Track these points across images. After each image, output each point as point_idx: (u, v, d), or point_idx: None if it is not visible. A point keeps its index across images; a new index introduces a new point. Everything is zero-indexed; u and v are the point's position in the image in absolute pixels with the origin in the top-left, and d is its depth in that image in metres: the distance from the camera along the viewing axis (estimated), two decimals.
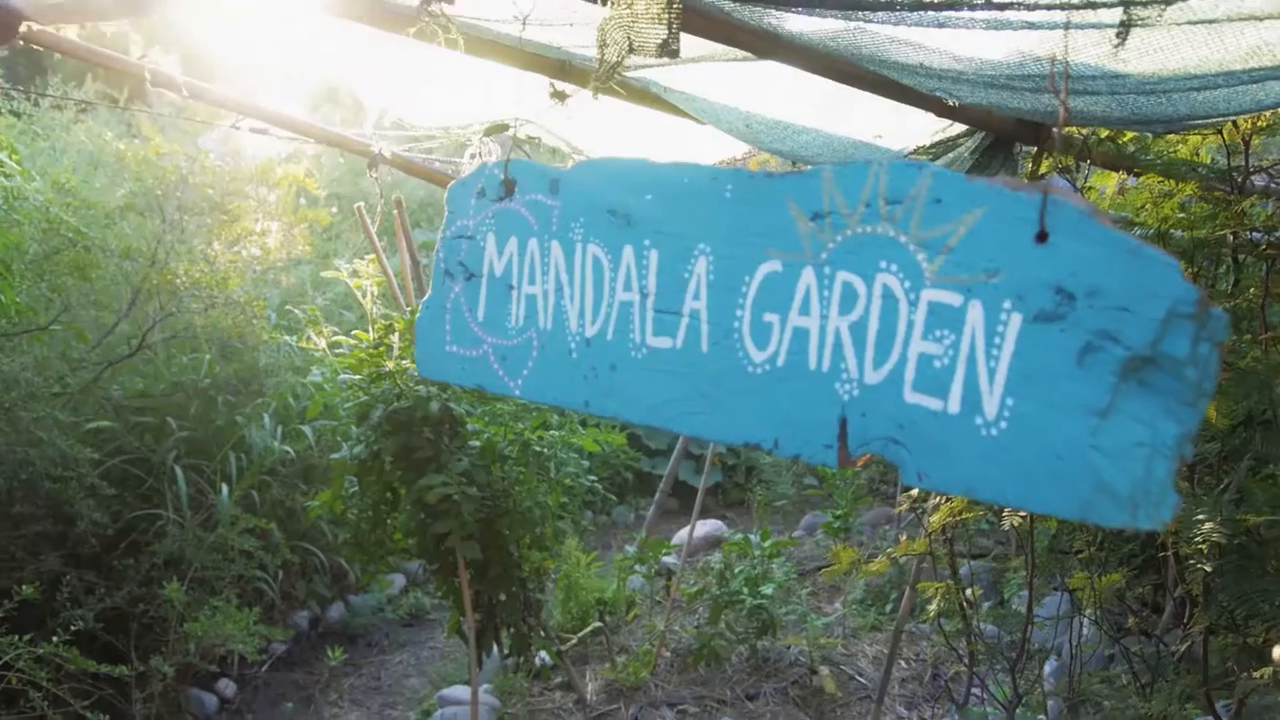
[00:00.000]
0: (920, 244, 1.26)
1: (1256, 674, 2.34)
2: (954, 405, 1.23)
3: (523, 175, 1.79)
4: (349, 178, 10.26)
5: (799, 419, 1.40)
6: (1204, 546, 2.29)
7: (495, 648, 4.63)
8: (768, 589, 5.03)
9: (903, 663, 5.21)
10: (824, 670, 5.10)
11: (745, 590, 5.06)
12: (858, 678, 5.15)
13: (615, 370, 1.66)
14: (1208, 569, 2.27)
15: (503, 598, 4.44)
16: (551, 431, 4.42)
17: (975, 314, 1.20)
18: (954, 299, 1.23)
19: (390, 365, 4.10)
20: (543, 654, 4.96)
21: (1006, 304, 1.18)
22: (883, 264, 1.30)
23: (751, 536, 5.45)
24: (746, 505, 7.82)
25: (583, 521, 7.23)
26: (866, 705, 4.97)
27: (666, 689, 5.10)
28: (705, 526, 7.06)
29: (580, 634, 5.30)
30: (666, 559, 5.95)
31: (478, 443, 4.22)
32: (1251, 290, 2.75)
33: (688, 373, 1.54)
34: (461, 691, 4.88)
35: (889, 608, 5.67)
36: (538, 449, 4.30)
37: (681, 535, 6.60)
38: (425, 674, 5.74)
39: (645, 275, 1.60)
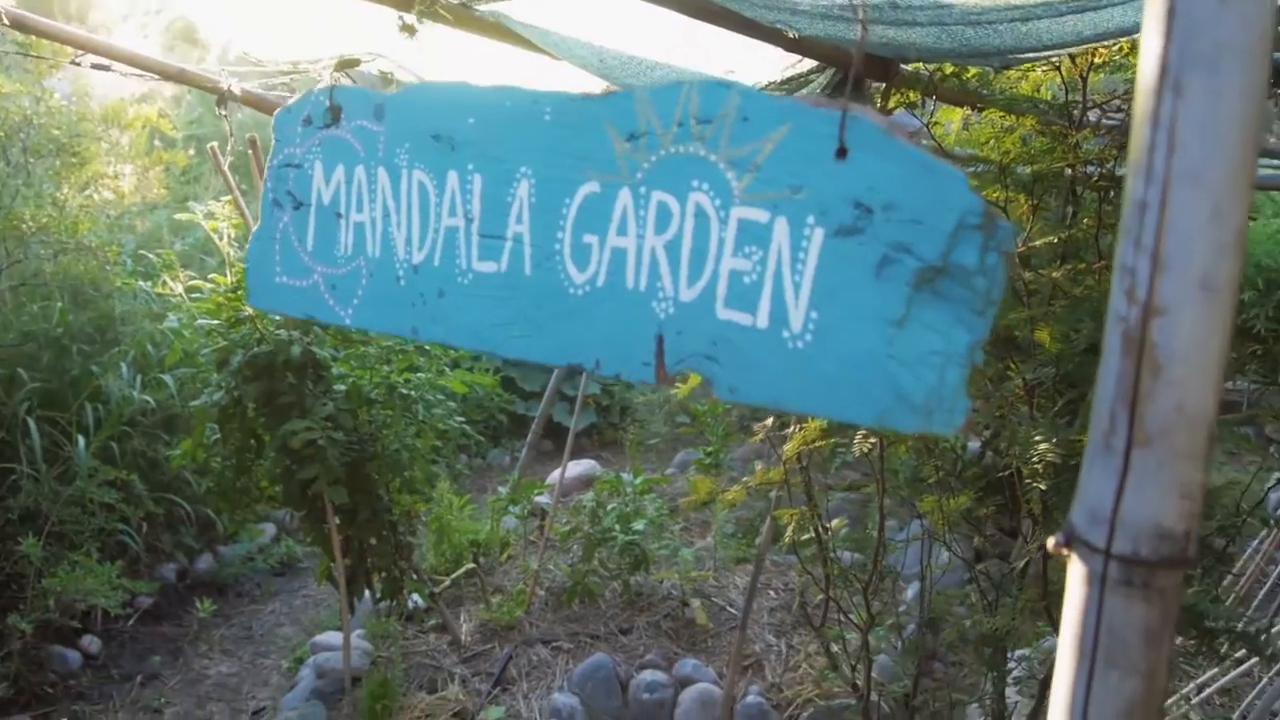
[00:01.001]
0: (730, 162, 1.28)
1: None
2: (762, 320, 1.26)
3: (349, 101, 1.75)
4: (210, 119, 9.87)
5: (618, 338, 1.43)
6: (1040, 466, 2.41)
7: (367, 592, 4.61)
8: (639, 525, 5.12)
9: (771, 593, 5.37)
10: (695, 602, 5.23)
11: (617, 527, 5.14)
12: (728, 608, 5.29)
13: (443, 296, 1.65)
14: (1043, 487, 2.39)
15: (373, 542, 4.42)
16: (418, 374, 4.38)
17: (781, 230, 1.23)
18: (761, 216, 1.25)
19: (250, 310, 3.99)
20: (415, 597, 4.95)
21: (810, 219, 1.21)
22: (695, 183, 1.32)
23: (624, 475, 5.52)
24: (621, 445, 7.90)
25: (458, 465, 7.22)
26: (736, 634, 5.11)
27: (541, 627, 5.16)
28: (580, 466, 7.12)
29: (453, 576, 5.30)
30: (540, 499, 5.99)
31: (343, 387, 4.17)
32: (1086, 221, 2.87)
33: (512, 296, 1.55)
34: (334, 637, 4.84)
35: (758, 540, 5.82)
36: (404, 392, 4.26)
37: (555, 476, 6.64)
38: (298, 622, 5.69)
39: (469, 200, 1.60)
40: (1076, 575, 0.83)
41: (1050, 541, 0.84)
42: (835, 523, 4.08)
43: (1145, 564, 0.79)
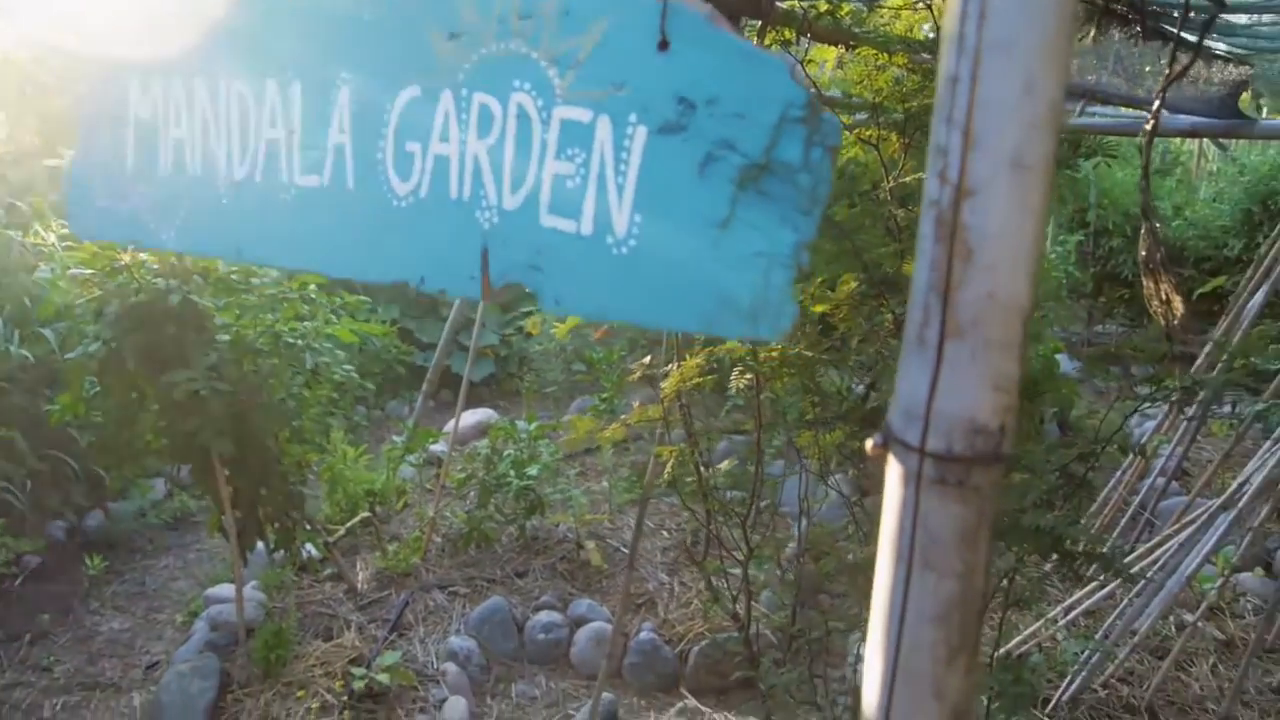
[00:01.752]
0: (552, 59, 1.24)
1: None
2: (587, 226, 1.22)
3: None
4: None
5: (443, 251, 1.38)
6: None
7: (261, 544, 4.59)
8: (533, 470, 5.17)
9: (665, 533, 5.48)
10: (590, 544, 5.32)
11: (512, 473, 5.18)
12: (622, 549, 5.39)
13: (266, 213, 1.58)
14: None
15: (263, 493, 4.38)
16: (305, 323, 4.33)
17: (604, 130, 1.19)
18: (584, 115, 1.22)
19: (126, 258, 3.90)
20: (310, 547, 4.94)
21: (632, 117, 1.17)
22: (516, 83, 1.27)
23: (519, 421, 5.55)
24: (520, 394, 7.92)
25: (355, 417, 7.16)
26: (632, 573, 5.22)
27: (438, 572, 5.20)
28: (477, 415, 7.13)
29: (348, 525, 5.29)
30: (437, 448, 5.99)
31: (226, 337, 4.10)
32: None
33: (336, 210, 1.49)
34: (228, 589, 4.81)
35: (667, 486, 5.92)
36: (290, 341, 4.21)
37: (452, 425, 6.65)
38: (193, 576, 5.62)
39: (290, 111, 1.53)
40: (894, 476, 0.84)
41: (869, 443, 0.87)
42: (725, 463, 4.18)
43: (959, 461, 0.79)
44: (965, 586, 0.83)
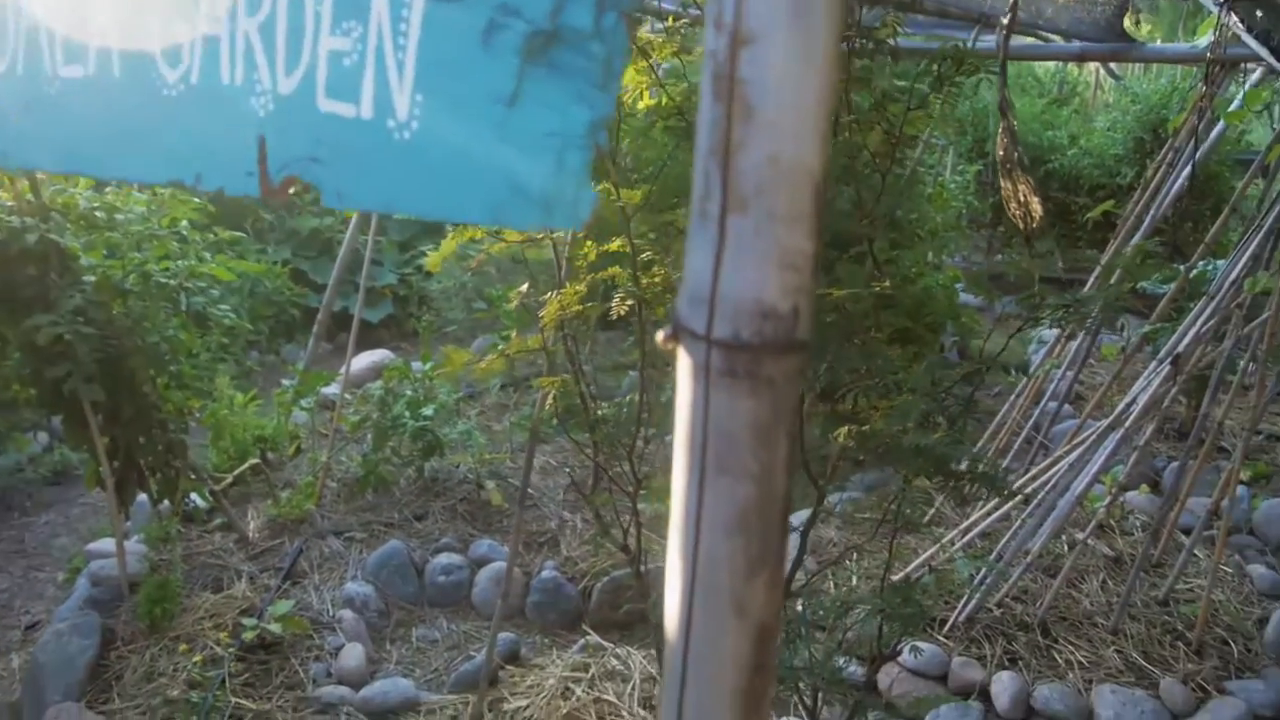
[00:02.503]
0: None
1: (836, 434, 2.58)
2: (366, 110, 1.12)
3: None
4: None
5: (218, 145, 1.26)
6: None
7: (142, 495, 4.41)
8: (429, 411, 5.04)
9: (567, 470, 5.41)
10: (490, 484, 5.23)
11: (407, 414, 5.05)
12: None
13: (29, 111, 1.44)
14: None
15: (141, 441, 4.20)
16: (178, 262, 4.12)
17: (380, 0, 1.09)
18: None
19: None
20: (195, 497, 4.77)
21: None
22: None
23: (414, 361, 5.41)
24: (420, 335, 7.74)
25: (248, 362, 6.93)
26: (532, 512, 5.15)
27: (333, 519, 5.06)
28: (374, 357, 6.95)
29: (236, 472, 5.11)
30: (331, 391, 5.82)
31: (92, 277, 3.88)
32: (837, 80, 2.90)
33: (103, 104, 1.36)
34: (111, 544, 4.62)
35: (555, 420, 5.84)
36: (162, 281, 4.01)
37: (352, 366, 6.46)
38: (75, 531, 5.41)
39: None
40: (684, 370, 0.76)
41: (659, 335, 0.78)
42: (629, 397, 4.11)
43: (747, 349, 0.71)
44: (763, 491, 0.75)
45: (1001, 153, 3.07)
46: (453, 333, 7.25)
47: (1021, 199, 2.97)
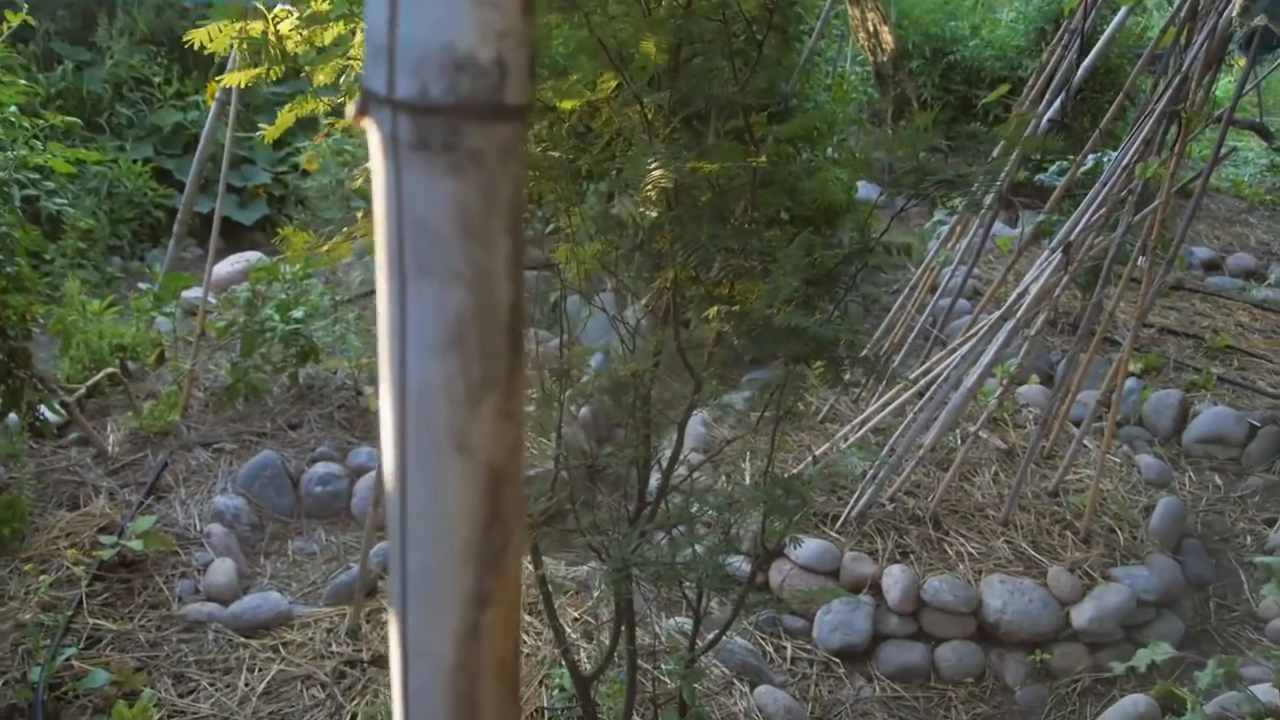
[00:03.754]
0: None
1: (707, 313, 2.40)
2: None
3: None
4: None
5: None
6: (652, 193, 2.26)
7: None
8: (299, 313, 4.75)
9: None
10: (369, 390, 4.99)
11: (277, 317, 4.75)
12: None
13: None
14: (654, 214, 2.25)
15: None
16: (5, 152, 3.74)
17: None
18: None
19: None
20: (44, 409, 4.43)
21: None
22: None
23: (283, 263, 5.09)
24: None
25: (109, 269, 6.50)
26: None
27: (200, 430, 4.78)
28: (246, 260, 6.57)
29: (89, 383, 4.77)
30: (195, 295, 5.48)
31: None
32: None
33: None
34: None
35: None
36: None
37: (215, 270, 6.10)
38: None
39: None
40: (374, 149, 0.58)
41: (349, 109, 0.59)
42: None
43: (440, 111, 0.54)
44: (480, 299, 0.58)
45: None
46: (328, 232, 6.88)
47: (871, 28, 2.78)
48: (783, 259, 2.16)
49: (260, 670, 3.52)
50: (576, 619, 3.72)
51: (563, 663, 3.19)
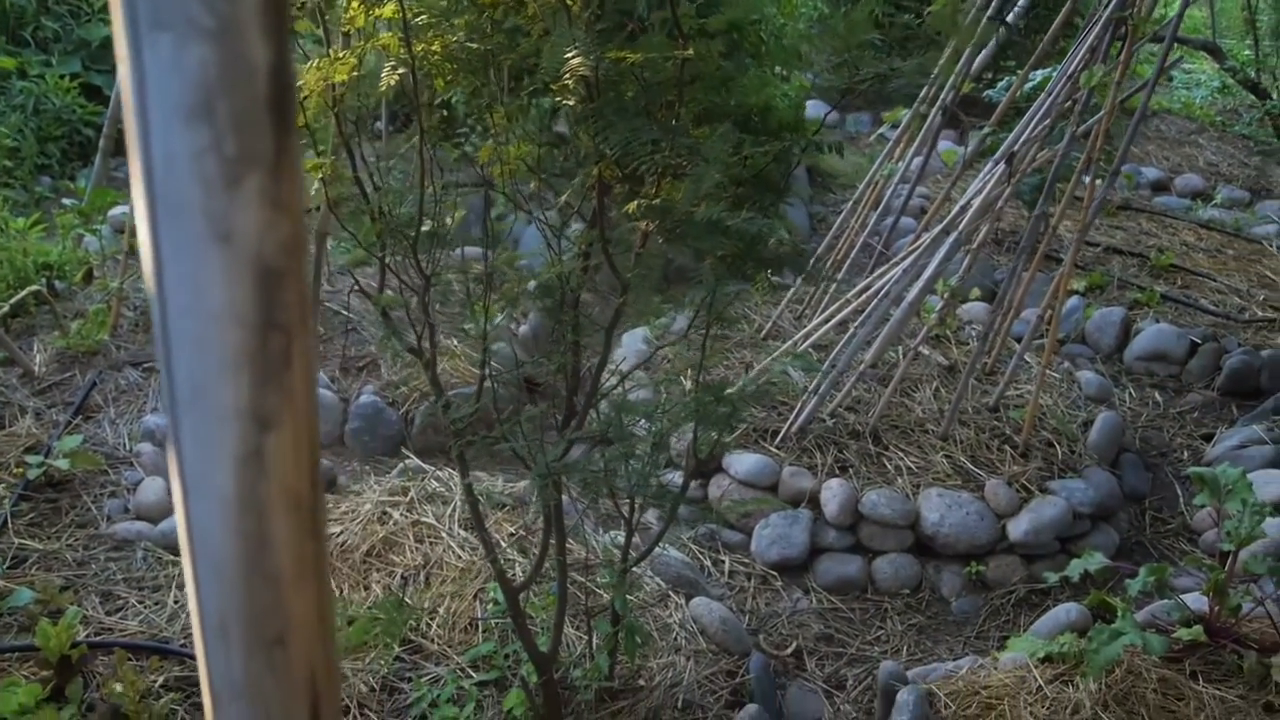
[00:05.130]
0: None
1: (627, 207, 2.33)
2: None
3: None
4: None
5: None
6: (570, 83, 2.18)
7: None
8: None
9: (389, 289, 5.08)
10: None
11: None
12: (342, 311, 4.98)
13: None
14: (571, 103, 2.18)
15: None
16: None
17: None
18: None
19: None
20: None
21: None
22: None
23: None
24: None
25: (38, 189, 6.29)
26: (352, 336, 4.85)
27: (131, 349, 4.66)
28: None
29: (11, 301, 4.62)
30: (121, 211, 5.31)
31: None
32: None
33: None
34: None
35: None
36: None
37: None
38: None
39: None
40: None
41: None
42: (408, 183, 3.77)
43: None
44: (228, 57, 0.51)
45: None
46: None
47: None
48: (705, 151, 2.09)
49: None
50: (513, 534, 3.69)
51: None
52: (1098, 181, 4.14)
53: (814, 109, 6.64)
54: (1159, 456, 4.83)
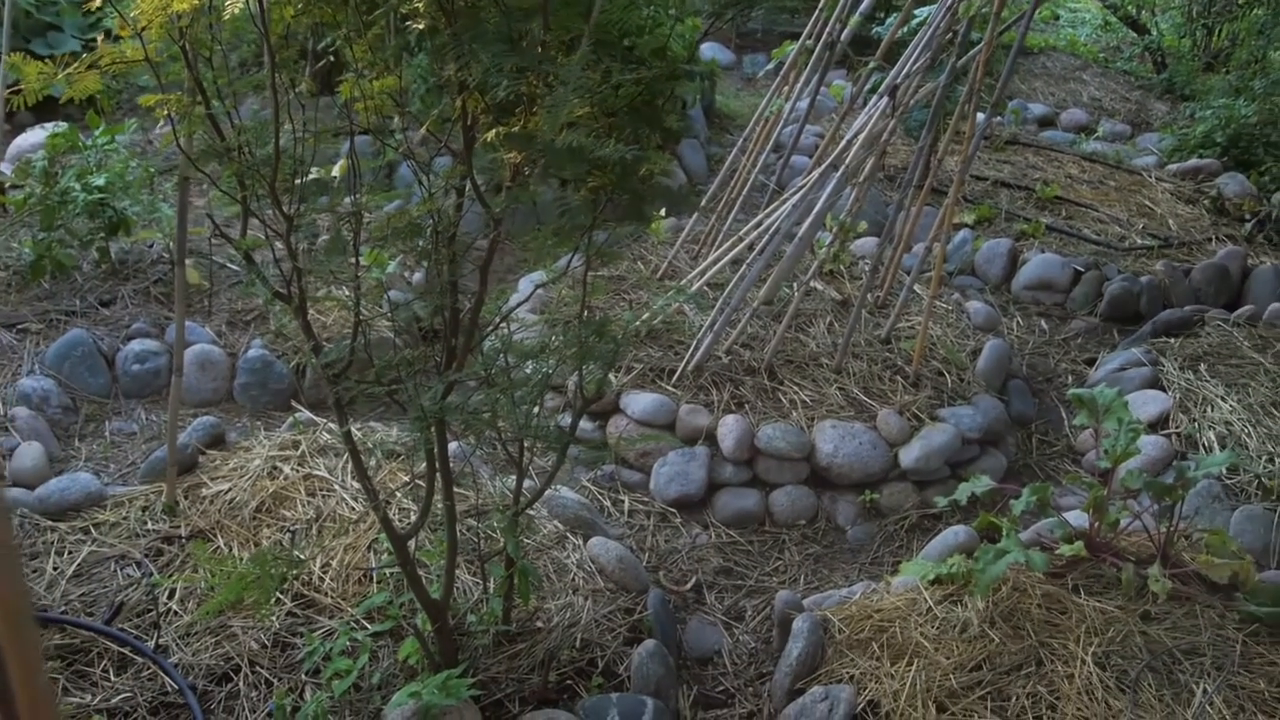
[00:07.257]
0: None
1: (485, 135, 2.27)
2: None
3: None
4: None
5: None
6: (419, 5, 2.11)
7: None
8: (100, 180, 4.43)
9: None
10: (189, 263, 4.72)
11: (77, 186, 4.43)
12: (228, 264, 4.84)
13: None
14: (420, 26, 2.11)
15: None
16: None
17: None
18: None
19: None
20: None
21: None
22: None
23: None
24: (100, 103, 6.88)
25: None
26: (238, 289, 4.72)
27: (2, 310, 4.47)
28: (53, 129, 6.11)
29: None
30: None
31: None
32: None
33: None
34: None
35: None
36: None
37: (18, 143, 5.66)
38: None
39: None
40: None
41: None
42: (341, 166, 3.66)
43: None
44: None
45: None
46: (143, 101, 6.45)
47: None
48: (564, 75, 2.04)
49: (70, 553, 3.35)
50: (407, 483, 3.65)
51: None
52: (979, 114, 4.19)
53: (715, 53, 6.60)
54: (1045, 382, 4.97)
